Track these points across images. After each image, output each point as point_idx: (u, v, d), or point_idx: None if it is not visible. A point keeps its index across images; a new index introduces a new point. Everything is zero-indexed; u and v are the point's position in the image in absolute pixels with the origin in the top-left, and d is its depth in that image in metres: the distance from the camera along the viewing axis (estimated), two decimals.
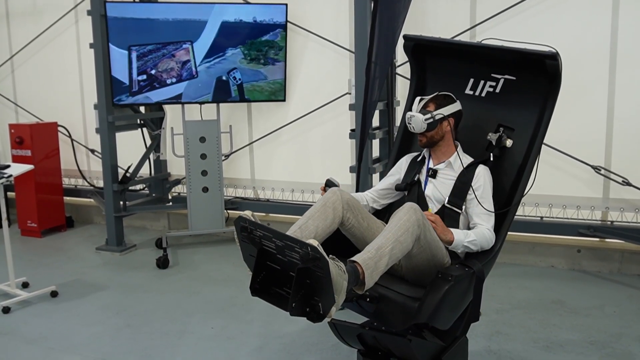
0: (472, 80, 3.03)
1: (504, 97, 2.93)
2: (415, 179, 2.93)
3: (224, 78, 5.18)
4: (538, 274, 4.73)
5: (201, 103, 5.31)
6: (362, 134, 3.59)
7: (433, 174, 2.89)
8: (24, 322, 3.98)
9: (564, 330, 3.67)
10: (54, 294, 4.40)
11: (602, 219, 4.80)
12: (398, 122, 5.10)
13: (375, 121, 4.82)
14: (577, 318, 3.86)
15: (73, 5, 6.40)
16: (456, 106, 2.88)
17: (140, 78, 4.71)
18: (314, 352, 3.47)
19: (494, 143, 2.87)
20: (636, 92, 4.52)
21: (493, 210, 2.73)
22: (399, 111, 5.16)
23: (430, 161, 2.93)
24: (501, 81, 2.94)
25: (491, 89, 2.97)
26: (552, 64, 2.61)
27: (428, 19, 5.06)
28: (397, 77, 5.07)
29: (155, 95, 5.07)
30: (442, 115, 2.82)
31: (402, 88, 5.16)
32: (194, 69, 4.97)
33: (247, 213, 2.28)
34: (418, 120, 2.82)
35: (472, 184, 2.75)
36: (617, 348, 3.43)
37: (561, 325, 3.75)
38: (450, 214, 2.78)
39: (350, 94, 4.66)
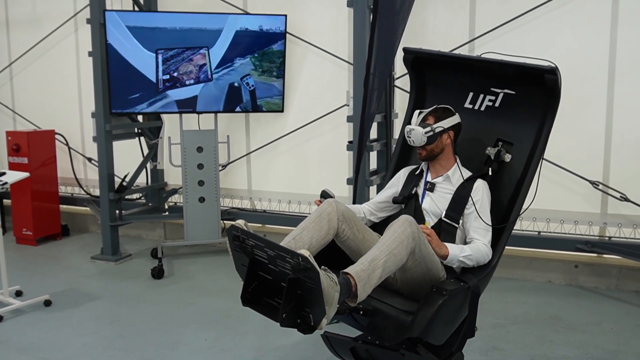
0: (471, 94, 3.02)
1: (503, 111, 2.91)
2: (413, 192, 2.91)
3: (236, 84, 5.24)
4: (535, 289, 4.71)
5: (199, 113, 5.30)
6: (359, 146, 3.58)
7: (431, 187, 2.86)
8: (16, 331, 3.94)
9: (560, 347, 3.64)
10: (47, 303, 4.36)
11: (600, 234, 4.78)
12: (396, 135, 5.10)
13: (373, 133, 4.82)
14: (574, 334, 3.83)
15: (73, 13, 6.41)
16: (456, 119, 2.86)
17: (164, 77, 4.98)
18: None
19: (492, 157, 2.86)
20: (635, 107, 4.52)
21: (490, 225, 2.71)
22: (397, 124, 5.16)
23: (429, 174, 2.91)
24: (500, 95, 2.92)
25: (490, 103, 2.95)
26: (551, 79, 2.59)
27: (427, 32, 5.07)
28: (396, 89, 5.08)
29: (176, 94, 5.16)
30: (442, 128, 2.80)
31: (400, 100, 5.17)
32: (209, 72, 5.12)
33: (240, 222, 2.27)
34: (418, 134, 2.79)
35: (470, 198, 2.73)
36: None
37: (558, 342, 3.72)
38: (447, 228, 2.76)
39: (348, 105, 4.66)
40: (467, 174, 2.83)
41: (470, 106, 3.01)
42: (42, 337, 3.84)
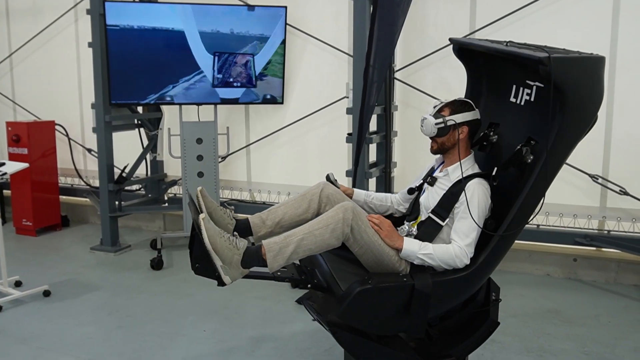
0: (514, 87, 2.77)
1: (537, 106, 2.62)
2: (421, 184, 2.90)
3: (269, 96, 5.37)
4: (534, 282, 4.71)
5: (199, 104, 5.29)
6: (359, 138, 3.58)
7: (432, 181, 2.80)
8: (15, 321, 3.95)
9: (558, 340, 3.65)
10: (46, 293, 4.38)
11: (599, 228, 4.79)
12: (396, 127, 5.10)
13: (373, 125, 4.81)
14: (572, 328, 3.84)
15: (73, 4, 6.39)
16: (472, 115, 2.70)
17: (218, 76, 5.13)
18: (306, 356, 3.45)
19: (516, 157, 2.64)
20: (635, 102, 4.51)
21: (475, 230, 2.53)
22: (397, 116, 5.16)
23: (439, 168, 2.84)
24: (534, 88, 2.65)
25: (528, 97, 2.68)
26: (543, 70, 2.31)
27: (428, 24, 5.05)
28: (396, 81, 5.07)
29: (222, 93, 5.24)
30: (454, 122, 2.67)
31: (400, 93, 5.16)
32: (253, 79, 5.24)
33: (198, 190, 2.58)
34: (429, 124, 2.70)
35: (459, 198, 2.60)
36: (612, 359, 3.41)
37: (556, 335, 3.72)
38: (431, 224, 2.66)
39: (348, 97, 4.65)
40: (471, 171, 2.69)
41: (514, 100, 2.76)
42: (41, 327, 3.85)
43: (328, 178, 2.88)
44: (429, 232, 2.66)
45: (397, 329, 2.62)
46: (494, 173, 2.63)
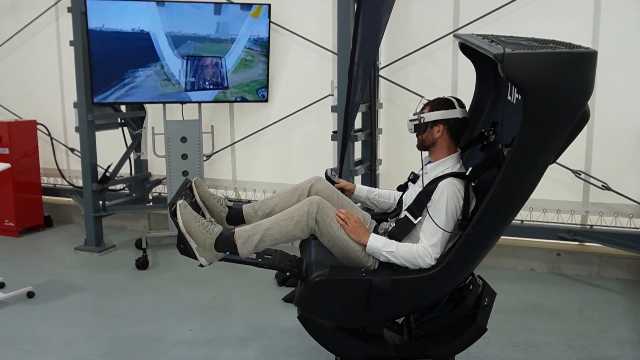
0: (509, 84, 2.70)
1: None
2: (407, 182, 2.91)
3: (247, 96, 5.40)
4: (518, 277, 4.76)
5: (183, 103, 5.27)
6: (344, 136, 3.58)
7: (414, 179, 2.84)
8: None
9: (543, 334, 3.69)
10: (30, 294, 4.33)
11: (582, 222, 4.84)
12: (380, 125, 5.11)
13: (358, 123, 4.82)
14: (556, 321, 3.88)
15: (54, 1, 6.31)
16: (450, 113, 2.67)
17: (190, 80, 5.17)
18: (293, 354, 3.45)
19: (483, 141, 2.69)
20: (616, 97, 4.57)
21: (439, 231, 2.52)
22: (382, 113, 5.18)
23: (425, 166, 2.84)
24: None
25: (518, 95, 2.55)
26: (500, 67, 2.18)
27: (412, 22, 5.07)
28: (381, 79, 5.08)
29: (195, 96, 5.26)
30: (429, 120, 2.68)
31: (385, 90, 5.17)
32: (225, 81, 5.25)
33: (195, 180, 2.82)
34: (407, 121, 2.75)
35: (432, 197, 2.59)
36: (595, 351, 3.46)
37: (540, 329, 3.76)
38: (405, 222, 2.67)
39: (332, 95, 4.65)
40: (450, 170, 2.66)
41: (510, 98, 2.68)
42: (25, 329, 3.81)
43: (326, 174, 2.98)
44: (402, 229, 2.68)
45: (354, 323, 2.68)
46: (467, 173, 2.60)
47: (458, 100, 2.74)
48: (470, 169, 2.60)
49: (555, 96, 2.24)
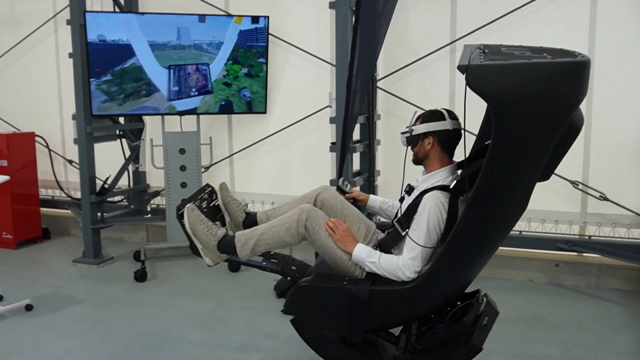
0: None
1: None
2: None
3: (232, 98, 5.36)
4: (516, 287, 4.75)
5: (182, 114, 5.28)
6: (342, 148, 3.58)
7: (408, 190, 2.84)
8: None
9: (542, 345, 3.69)
10: (28, 307, 4.31)
11: (580, 233, 4.85)
12: (379, 136, 5.13)
13: (356, 134, 4.84)
14: (556, 332, 3.88)
15: (52, 14, 6.34)
16: (440, 125, 2.66)
17: (174, 89, 5.17)
18: None
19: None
20: (613, 108, 4.59)
21: (420, 243, 2.53)
22: (380, 125, 5.19)
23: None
24: None
25: None
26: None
27: (409, 33, 5.10)
28: (378, 90, 5.10)
29: (180, 105, 5.25)
30: (418, 132, 2.68)
31: (382, 102, 5.19)
32: (209, 85, 5.25)
33: (221, 184, 3.04)
34: (400, 134, 2.77)
35: (417, 209, 2.59)
36: None
37: (539, 340, 3.76)
38: (394, 233, 2.68)
39: (331, 107, 4.67)
40: (440, 183, 2.63)
41: None
42: (23, 342, 3.79)
43: (338, 184, 3.08)
44: (391, 240, 2.70)
45: (335, 330, 2.74)
46: (451, 186, 2.57)
47: (450, 112, 2.71)
48: (455, 182, 2.58)
49: (528, 110, 2.11)
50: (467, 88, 2.12)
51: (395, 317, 2.70)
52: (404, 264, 2.54)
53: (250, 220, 2.99)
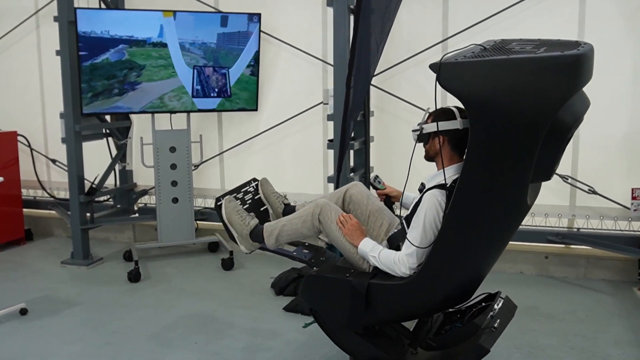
0: None
1: None
2: None
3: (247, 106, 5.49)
4: (508, 280, 4.85)
5: (172, 112, 5.23)
6: (342, 145, 3.60)
7: (421, 188, 2.87)
8: None
9: (543, 336, 3.78)
10: (23, 311, 4.21)
11: (569, 226, 4.98)
12: (371, 133, 5.16)
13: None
14: (554, 323, 3.98)
15: (34, 10, 6.18)
16: (451, 124, 2.63)
17: (197, 87, 5.25)
18: None
19: None
20: (601, 104, 4.69)
21: (416, 241, 2.56)
22: (373, 122, 5.22)
23: None
24: None
25: None
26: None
27: (402, 30, 5.13)
28: (371, 87, 5.13)
29: (200, 104, 5.31)
30: (428, 130, 2.67)
31: (375, 98, 5.22)
32: (229, 90, 5.33)
33: (263, 178, 3.42)
34: (411, 131, 2.77)
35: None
36: (596, 352, 3.56)
37: (540, 331, 3.86)
38: (402, 229, 2.74)
39: (326, 104, 4.67)
40: (443, 181, 2.62)
41: None
42: (23, 347, 3.71)
43: (370, 180, 3.21)
44: (399, 236, 2.77)
45: (338, 320, 2.83)
46: (448, 184, 2.55)
47: (461, 111, 2.69)
48: (452, 181, 2.56)
49: (505, 108, 2.08)
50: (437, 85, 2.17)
51: (394, 312, 2.74)
52: (400, 259, 2.62)
53: (289, 211, 3.17)
